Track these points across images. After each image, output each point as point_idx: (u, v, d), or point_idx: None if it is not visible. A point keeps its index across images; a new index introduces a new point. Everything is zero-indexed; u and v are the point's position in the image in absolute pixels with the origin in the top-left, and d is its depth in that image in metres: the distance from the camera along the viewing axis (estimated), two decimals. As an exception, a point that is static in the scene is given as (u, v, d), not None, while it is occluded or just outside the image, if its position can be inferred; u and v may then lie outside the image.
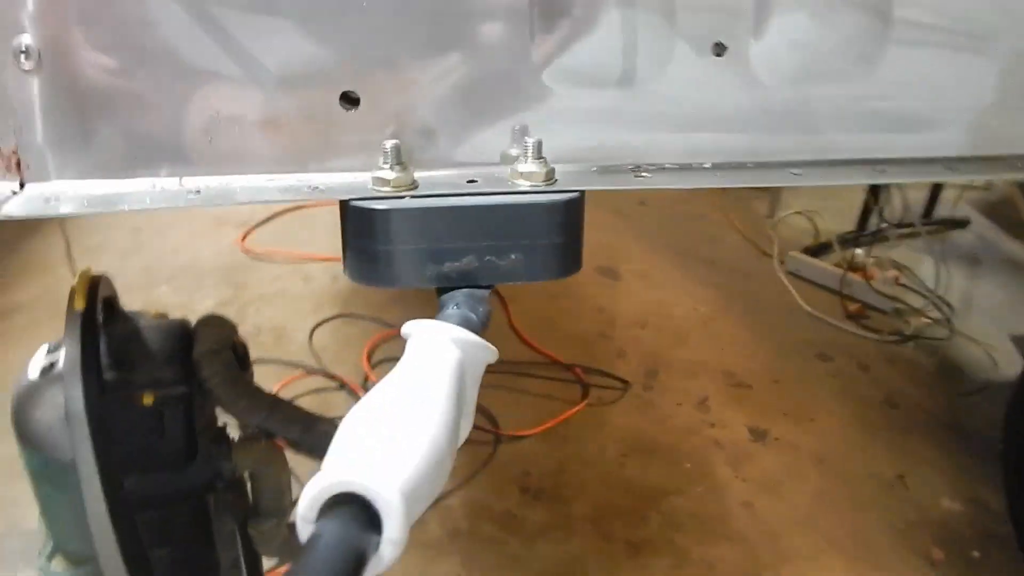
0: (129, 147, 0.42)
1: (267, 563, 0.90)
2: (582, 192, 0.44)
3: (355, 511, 0.28)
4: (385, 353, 1.66)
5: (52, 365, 0.73)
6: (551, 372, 1.63)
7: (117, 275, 1.96)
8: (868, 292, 1.91)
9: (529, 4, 0.44)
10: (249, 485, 0.82)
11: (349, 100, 0.44)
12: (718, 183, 0.47)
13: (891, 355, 1.74)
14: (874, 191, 2.10)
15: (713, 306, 1.90)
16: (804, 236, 2.20)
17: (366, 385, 1.56)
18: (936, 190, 2.24)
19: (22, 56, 0.39)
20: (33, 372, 0.74)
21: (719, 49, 0.46)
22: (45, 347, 0.76)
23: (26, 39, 0.39)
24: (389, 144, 0.42)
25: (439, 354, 0.38)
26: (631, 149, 0.48)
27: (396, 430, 0.33)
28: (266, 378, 1.41)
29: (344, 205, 0.42)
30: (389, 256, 0.42)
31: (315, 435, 0.86)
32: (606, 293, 1.94)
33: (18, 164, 0.40)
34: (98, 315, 0.70)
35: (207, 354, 0.74)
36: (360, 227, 0.42)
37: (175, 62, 0.41)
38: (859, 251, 2.01)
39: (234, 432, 0.83)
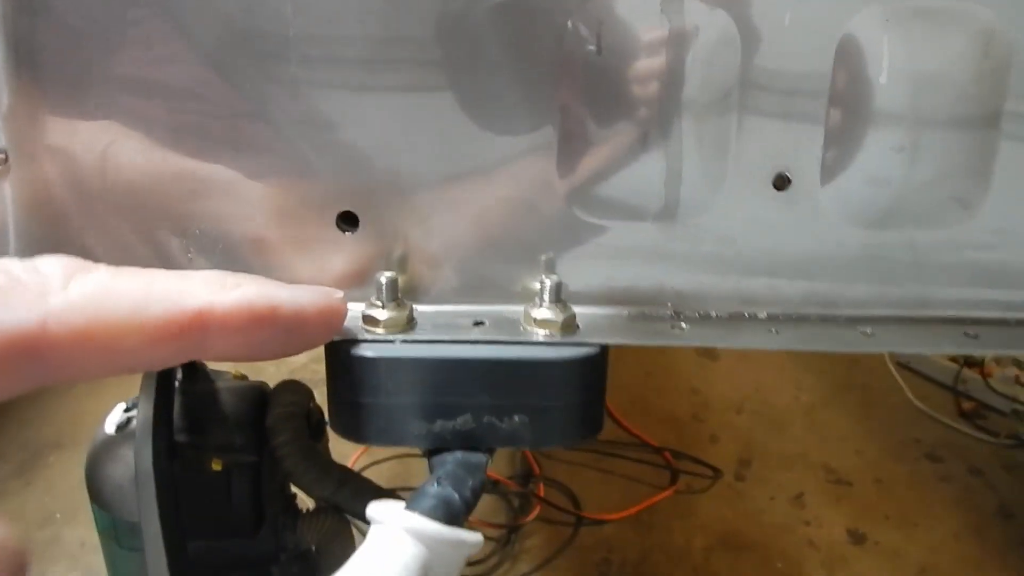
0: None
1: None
2: (604, 348, 0.37)
3: None
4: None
5: (128, 422, 0.74)
6: (639, 454, 1.57)
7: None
8: (985, 390, 1.76)
9: (558, 125, 0.38)
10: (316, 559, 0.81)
11: (348, 221, 0.39)
12: (771, 344, 0.40)
13: (1008, 460, 1.60)
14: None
15: (815, 394, 1.81)
16: (918, 325, 2.08)
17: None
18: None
19: None
20: (109, 428, 0.75)
21: (781, 182, 0.40)
22: (123, 405, 0.77)
23: None
24: (384, 277, 0.37)
25: (391, 552, 0.31)
26: (672, 292, 0.41)
27: None
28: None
29: (326, 349, 0.37)
30: (372, 411, 0.36)
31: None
32: (703, 373, 1.87)
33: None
34: (175, 374, 0.71)
35: (279, 422, 0.74)
36: (342, 373, 0.37)
37: (151, 173, 0.38)
38: (978, 345, 1.87)
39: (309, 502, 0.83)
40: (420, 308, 0.40)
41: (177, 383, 0.71)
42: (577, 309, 0.39)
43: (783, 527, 1.40)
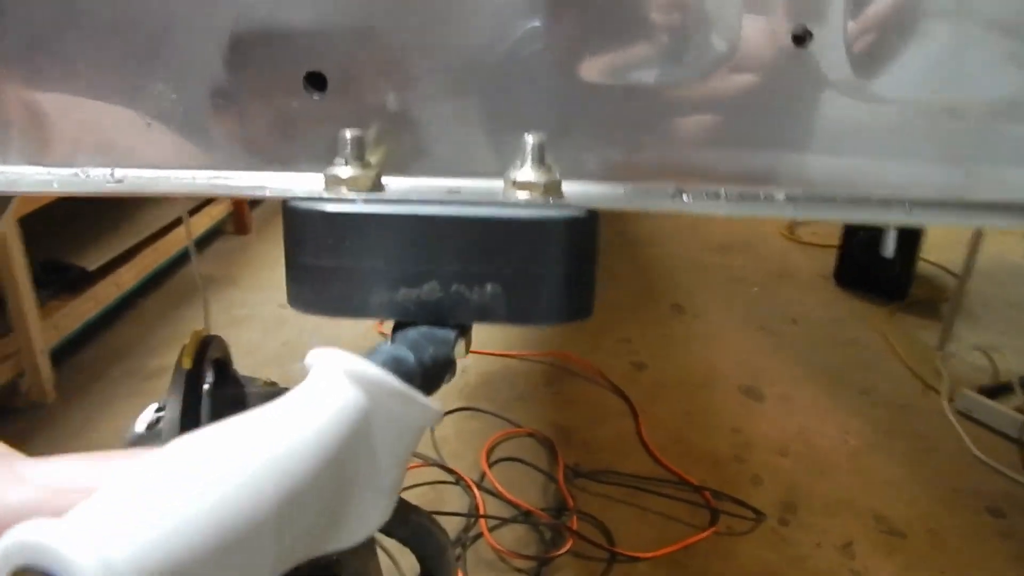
0: (53, 131, 0.36)
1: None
2: (592, 212, 0.33)
3: None
4: (505, 451, 1.61)
5: (158, 421, 0.73)
6: (677, 492, 1.52)
7: (258, 349, 2.03)
8: (1053, 443, 1.67)
9: None
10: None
11: (315, 83, 0.36)
12: (787, 213, 0.34)
13: (1077, 518, 1.51)
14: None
15: (865, 439, 1.73)
16: (979, 374, 1.99)
17: (483, 483, 1.51)
18: None
19: None
20: (140, 426, 0.74)
21: (801, 36, 0.33)
22: (154, 405, 0.76)
23: None
24: (350, 135, 0.33)
25: (327, 395, 0.26)
26: (674, 169, 0.35)
27: (176, 487, 0.21)
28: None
29: (283, 208, 0.34)
30: (330, 275, 0.33)
31: (408, 526, 0.81)
32: (745, 414, 1.81)
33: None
34: (204, 376, 0.69)
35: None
36: (298, 234, 0.34)
37: (110, 28, 0.35)
38: (1045, 395, 1.78)
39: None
40: (391, 181, 0.36)
41: (206, 386, 0.70)
42: (568, 186, 0.35)
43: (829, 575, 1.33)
